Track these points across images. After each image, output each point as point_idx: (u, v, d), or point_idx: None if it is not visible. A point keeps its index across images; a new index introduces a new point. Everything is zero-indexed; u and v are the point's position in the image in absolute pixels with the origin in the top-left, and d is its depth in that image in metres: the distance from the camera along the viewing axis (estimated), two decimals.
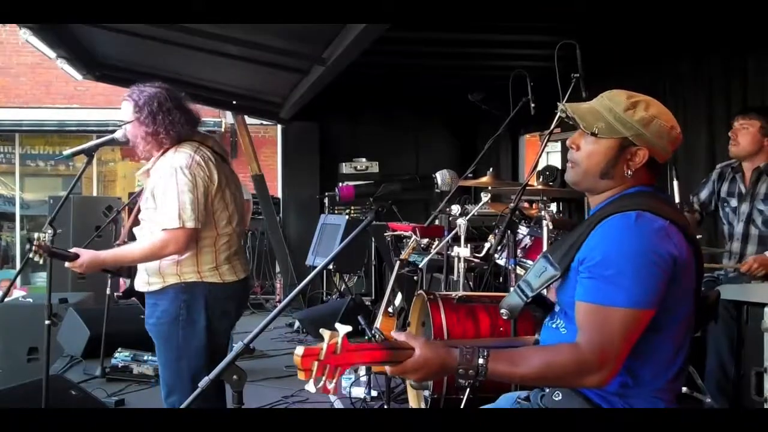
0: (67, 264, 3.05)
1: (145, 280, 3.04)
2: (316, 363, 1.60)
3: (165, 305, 2.97)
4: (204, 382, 1.74)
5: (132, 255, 3.06)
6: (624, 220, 1.74)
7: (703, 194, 3.96)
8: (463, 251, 4.00)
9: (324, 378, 1.62)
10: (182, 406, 1.73)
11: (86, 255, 3.03)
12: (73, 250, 3.07)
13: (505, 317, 1.95)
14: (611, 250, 1.72)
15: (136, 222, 3.37)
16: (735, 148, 3.76)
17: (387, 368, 1.72)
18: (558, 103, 1.94)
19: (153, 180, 2.97)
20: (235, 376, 1.78)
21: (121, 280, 4.62)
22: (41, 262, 3.05)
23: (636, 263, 1.69)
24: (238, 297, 3.14)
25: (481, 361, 1.67)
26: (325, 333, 1.64)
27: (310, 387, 1.61)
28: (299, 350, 1.62)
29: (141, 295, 3.17)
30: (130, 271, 3.47)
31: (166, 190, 2.88)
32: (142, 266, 3.03)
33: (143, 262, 3.02)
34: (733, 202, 3.78)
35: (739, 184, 3.80)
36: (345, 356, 1.63)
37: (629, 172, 1.84)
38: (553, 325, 1.91)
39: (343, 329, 1.63)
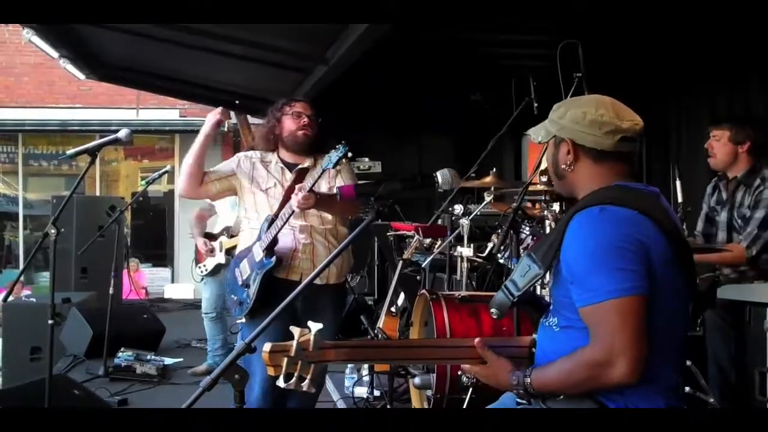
0: None
1: (336, 273, 3.29)
2: (285, 359, 1.64)
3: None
4: (205, 381, 1.74)
5: None
6: (586, 215, 1.78)
7: (700, 226, 3.86)
8: (465, 251, 3.99)
9: (296, 374, 1.65)
10: (184, 406, 1.73)
11: None
12: None
13: (494, 316, 1.96)
14: (579, 249, 1.76)
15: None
16: (712, 160, 3.73)
17: (469, 367, 1.92)
18: (525, 133, 2.07)
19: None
20: (236, 376, 1.78)
21: (125, 282, 4.51)
22: None
23: (604, 254, 1.71)
24: None
25: (527, 380, 1.82)
26: (295, 330, 1.68)
27: (280, 383, 1.65)
28: (267, 347, 1.66)
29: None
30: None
31: None
32: (339, 259, 3.14)
33: None
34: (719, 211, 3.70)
35: (722, 192, 3.76)
36: (323, 353, 1.69)
37: (563, 167, 1.91)
38: (547, 323, 1.92)
39: (315, 326, 1.67)
